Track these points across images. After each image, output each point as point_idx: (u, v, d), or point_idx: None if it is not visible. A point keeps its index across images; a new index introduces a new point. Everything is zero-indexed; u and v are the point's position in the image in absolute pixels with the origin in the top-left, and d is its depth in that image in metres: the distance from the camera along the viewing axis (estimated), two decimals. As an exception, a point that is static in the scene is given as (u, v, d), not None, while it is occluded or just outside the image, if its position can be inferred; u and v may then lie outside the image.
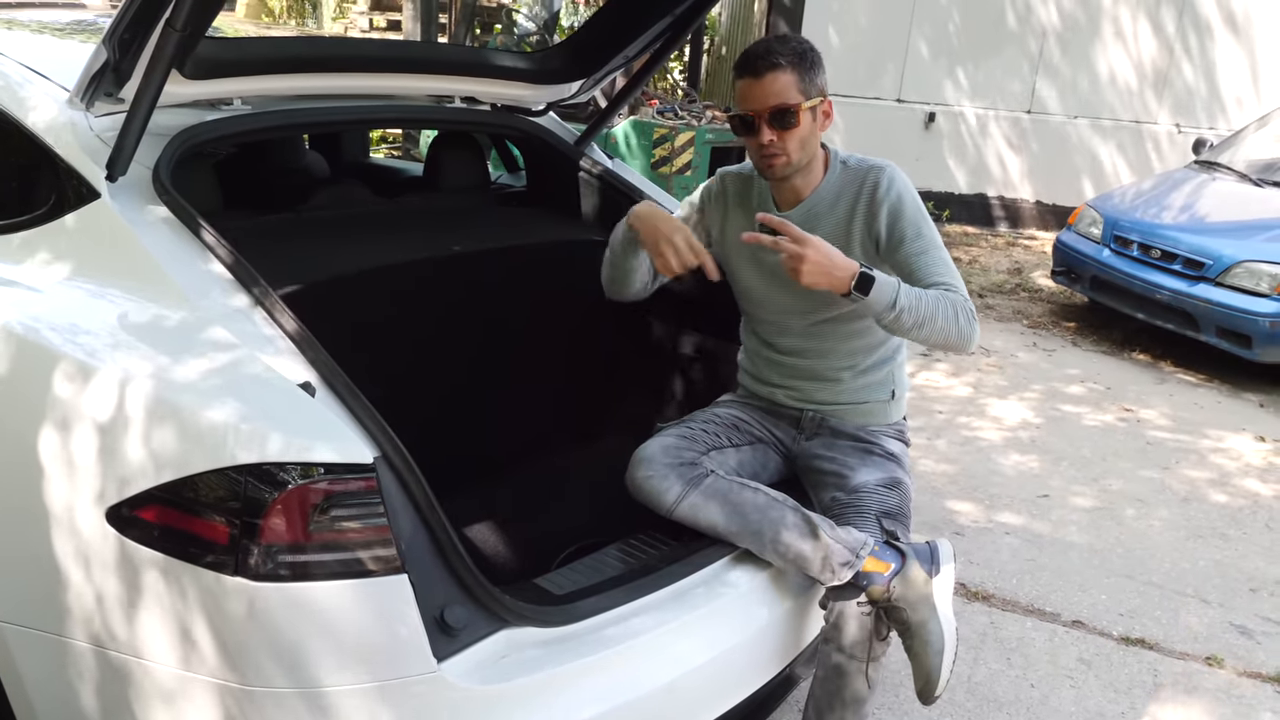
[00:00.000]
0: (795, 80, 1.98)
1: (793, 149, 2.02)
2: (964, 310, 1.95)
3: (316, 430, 1.51)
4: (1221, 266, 5.43)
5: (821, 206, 2.11)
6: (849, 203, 2.09)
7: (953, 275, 2.01)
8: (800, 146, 2.03)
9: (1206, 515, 3.91)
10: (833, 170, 2.12)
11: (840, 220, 2.09)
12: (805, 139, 2.03)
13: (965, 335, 1.95)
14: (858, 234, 2.08)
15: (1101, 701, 2.74)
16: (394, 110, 2.58)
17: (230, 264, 1.71)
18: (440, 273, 2.43)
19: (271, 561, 1.46)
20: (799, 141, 2.02)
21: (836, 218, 2.09)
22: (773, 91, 1.98)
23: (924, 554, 1.97)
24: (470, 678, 1.56)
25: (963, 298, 1.96)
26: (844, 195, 2.10)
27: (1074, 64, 8.79)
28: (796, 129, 2.00)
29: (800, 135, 2.01)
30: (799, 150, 2.03)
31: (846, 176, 2.11)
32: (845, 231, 2.09)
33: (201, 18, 1.70)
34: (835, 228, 2.09)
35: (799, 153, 2.03)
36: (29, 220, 1.90)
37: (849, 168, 2.13)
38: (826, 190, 2.11)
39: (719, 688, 1.90)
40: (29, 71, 2.07)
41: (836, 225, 2.09)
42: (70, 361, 1.62)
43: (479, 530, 2.23)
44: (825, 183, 2.11)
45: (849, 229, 2.08)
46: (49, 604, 1.61)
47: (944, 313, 1.92)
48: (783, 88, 1.98)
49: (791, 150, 2.02)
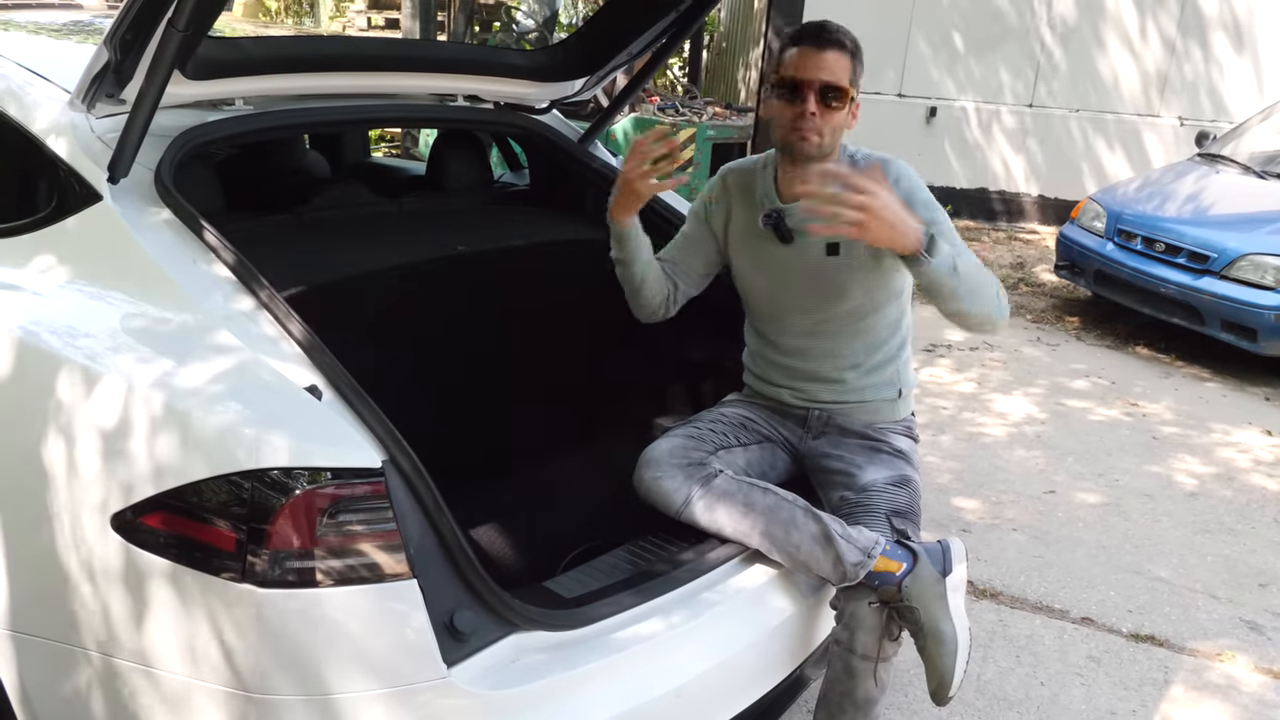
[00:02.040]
0: (849, 66, 2.01)
1: (827, 130, 2.02)
2: (998, 284, 1.97)
3: (323, 434, 1.49)
4: (1226, 260, 5.41)
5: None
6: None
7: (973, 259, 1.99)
8: (834, 131, 2.04)
9: (1214, 510, 3.89)
10: (841, 164, 2.10)
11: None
12: (838, 127, 2.04)
13: (1003, 310, 1.98)
14: None
15: (1112, 699, 2.72)
16: (397, 109, 2.56)
17: (234, 266, 1.70)
18: (444, 273, 2.42)
19: (279, 568, 1.44)
20: (834, 126, 2.03)
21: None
22: (830, 67, 1.99)
23: (935, 553, 1.95)
24: (480, 683, 1.55)
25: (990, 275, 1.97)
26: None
27: (1075, 58, 8.77)
28: (838, 112, 2.01)
29: (837, 120, 2.03)
30: (831, 134, 2.04)
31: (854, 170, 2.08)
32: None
33: (204, 18, 1.68)
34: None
35: (830, 136, 2.04)
36: (31, 223, 1.88)
37: (857, 162, 2.12)
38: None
39: (729, 690, 1.89)
40: (29, 73, 2.05)
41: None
42: (73, 366, 1.60)
43: (485, 532, 2.22)
44: None
45: None
46: (54, 612, 1.60)
47: (988, 282, 1.93)
48: (841, 68, 2.00)
49: (825, 131, 2.02)
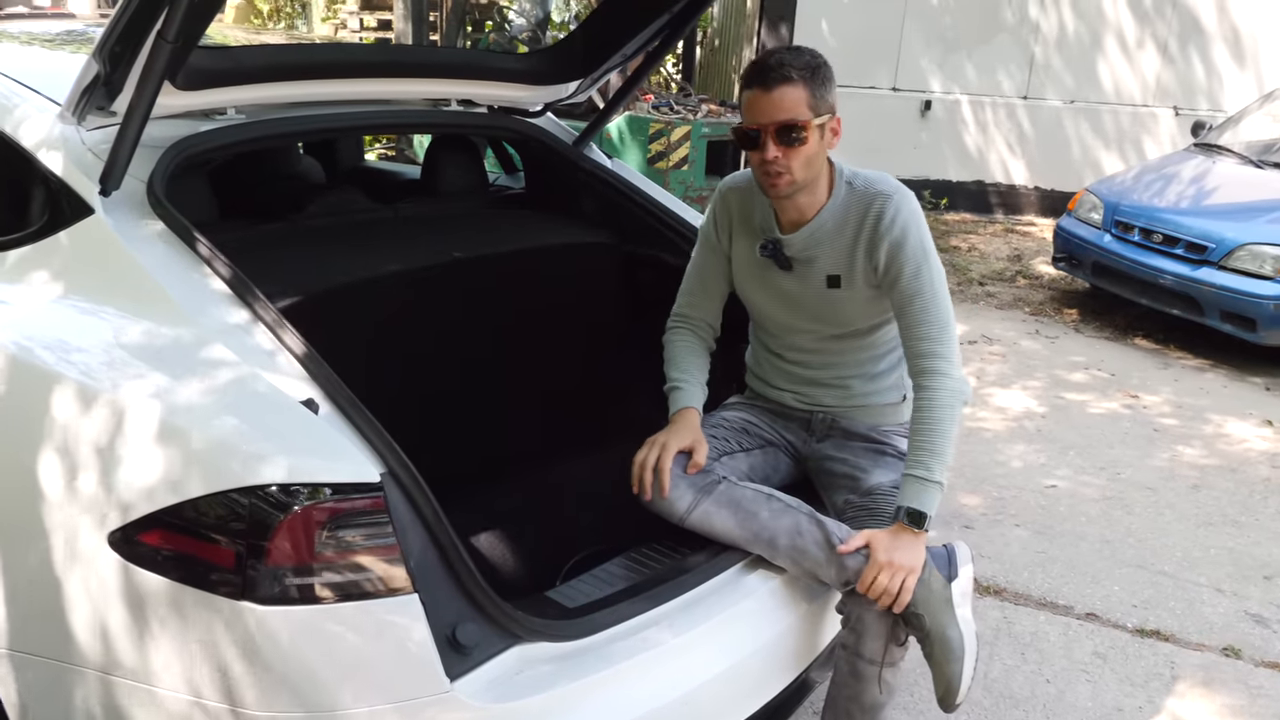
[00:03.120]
0: (806, 95, 1.90)
1: (797, 167, 1.94)
2: (957, 396, 1.94)
3: (321, 449, 1.47)
4: (1224, 250, 5.40)
5: (824, 231, 2.04)
6: (853, 230, 2.02)
7: (940, 330, 1.95)
8: (805, 165, 1.95)
9: (1217, 502, 3.88)
10: (838, 191, 2.04)
11: (845, 246, 2.03)
12: (811, 158, 1.95)
13: (959, 415, 1.96)
14: (860, 262, 2.02)
15: (1119, 695, 2.71)
16: (390, 115, 2.54)
17: (228, 278, 1.68)
18: (440, 279, 2.40)
19: (279, 584, 1.43)
20: (804, 160, 1.94)
21: (841, 243, 2.03)
22: (782, 106, 1.90)
23: (941, 558, 1.94)
24: (484, 696, 1.53)
25: (951, 379, 1.94)
26: (849, 221, 2.02)
27: (1070, 49, 8.76)
28: (803, 147, 1.92)
29: (806, 153, 1.93)
30: (804, 169, 1.95)
31: (852, 199, 2.03)
32: (849, 257, 2.03)
33: (193, 29, 1.66)
34: (839, 254, 2.04)
35: (803, 171, 1.95)
36: (22, 238, 1.86)
37: (854, 190, 2.04)
38: (830, 214, 2.03)
39: (735, 696, 1.88)
40: (18, 85, 2.03)
41: (840, 251, 2.03)
42: (67, 382, 1.58)
43: (485, 540, 2.20)
44: (830, 205, 2.03)
45: (852, 255, 2.02)
46: (53, 630, 1.58)
47: (952, 427, 1.92)
48: (793, 103, 1.90)
49: (796, 169, 1.94)
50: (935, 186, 8.72)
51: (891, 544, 1.86)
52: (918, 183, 8.58)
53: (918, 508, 1.88)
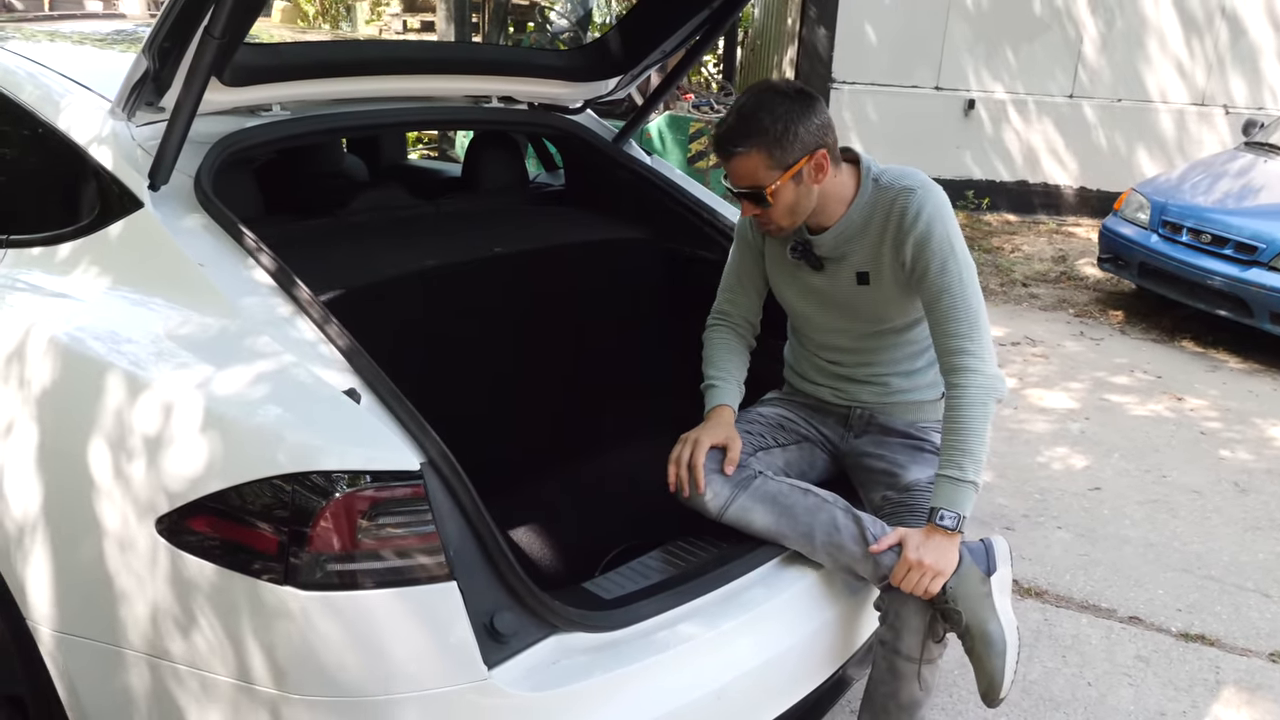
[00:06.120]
0: (764, 159, 1.91)
1: (779, 217, 1.99)
2: (989, 393, 1.91)
3: (362, 437, 1.50)
4: (1275, 250, 5.29)
5: (852, 230, 2.03)
6: (879, 226, 2.01)
7: (969, 326, 1.93)
8: (788, 213, 1.98)
9: (1265, 506, 3.81)
10: (864, 189, 2.03)
11: (871, 244, 2.02)
12: (791, 206, 1.97)
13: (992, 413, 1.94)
14: (887, 258, 2.01)
15: (1162, 700, 2.67)
16: (432, 112, 2.57)
17: (273, 271, 1.71)
18: (481, 274, 2.42)
19: (320, 570, 1.45)
20: (785, 210, 1.97)
21: (868, 241, 2.02)
22: (741, 175, 1.95)
23: (979, 553, 1.93)
24: (521, 684, 1.55)
25: (982, 375, 1.91)
26: (874, 218, 2.01)
27: (1115, 46, 8.63)
28: (775, 205, 1.96)
29: (785, 205, 1.96)
30: (787, 217, 1.99)
31: (878, 196, 2.01)
32: (875, 255, 2.02)
33: (240, 25, 1.69)
34: (867, 251, 2.03)
35: (788, 219, 1.99)
36: (73, 231, 1.90)
37: (881, 186, 2.02)
38: (857, 213, 2.02)
39: (770, 691, 1.88)
40: (71, 83, 2.08)
41: (868, 249, 2.03)
42: (117, 372, 1.62)
43: (523, 533, 2.22)
44: (857, 203, 2.02)
45: (879, 252, 2.02)
46: (102, 614, 1.62)
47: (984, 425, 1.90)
48: (750, 170, 1.93)
49: (779, 219, 1.99)
50: (978, 187, 8.64)
51: (923, 543, 1.85)
52: (960, 183, 8.51)
53: (951, 509, 1.87)
